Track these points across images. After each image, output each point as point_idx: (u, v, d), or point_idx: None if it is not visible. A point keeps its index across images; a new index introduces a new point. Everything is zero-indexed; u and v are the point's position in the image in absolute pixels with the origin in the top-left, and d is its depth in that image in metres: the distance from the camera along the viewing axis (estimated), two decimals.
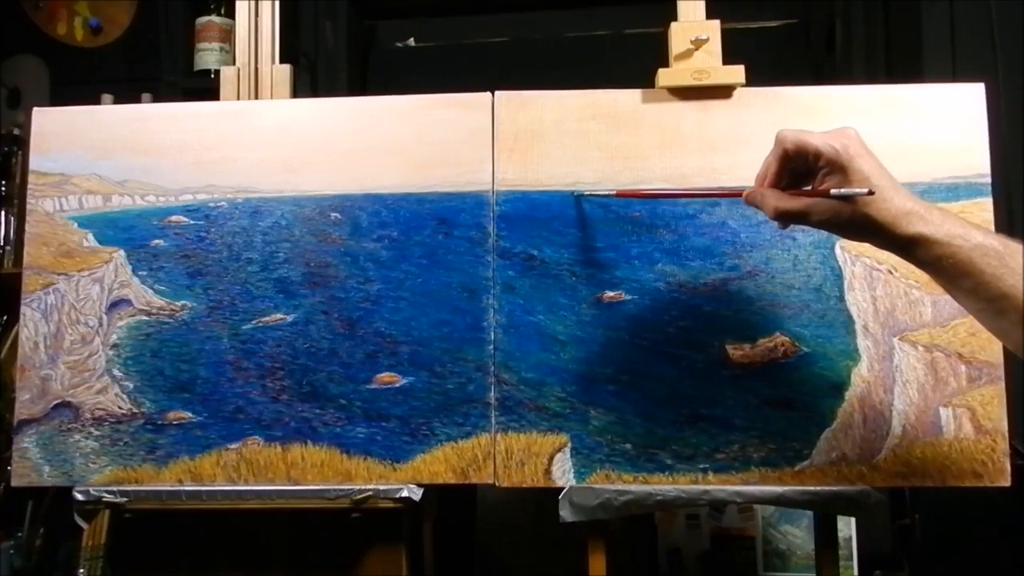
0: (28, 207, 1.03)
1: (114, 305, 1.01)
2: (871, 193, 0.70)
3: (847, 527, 1.39)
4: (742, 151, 0.97)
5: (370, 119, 1.02)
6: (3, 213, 1.74)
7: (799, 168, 0.76)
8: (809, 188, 0.76)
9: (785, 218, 0.76)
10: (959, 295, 0.73)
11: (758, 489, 0.94)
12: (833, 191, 0.72)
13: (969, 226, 0.70)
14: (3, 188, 1.75)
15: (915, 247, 0.71)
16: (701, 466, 0.94)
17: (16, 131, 1.78)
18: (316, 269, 1.00)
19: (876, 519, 0.95)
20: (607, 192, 0.96)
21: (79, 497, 0.97)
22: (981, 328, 0.91)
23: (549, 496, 0.95)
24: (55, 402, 1.00)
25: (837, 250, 0.96)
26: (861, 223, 0.72)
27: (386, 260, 0.99)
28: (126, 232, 1.02)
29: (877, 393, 0.94)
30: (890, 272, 0.95)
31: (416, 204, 1.00)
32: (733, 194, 0.84)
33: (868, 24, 1.57)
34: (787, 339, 0.95)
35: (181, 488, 0.97)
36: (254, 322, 0.99)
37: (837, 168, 0.72)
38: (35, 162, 1.04)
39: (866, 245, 0.79)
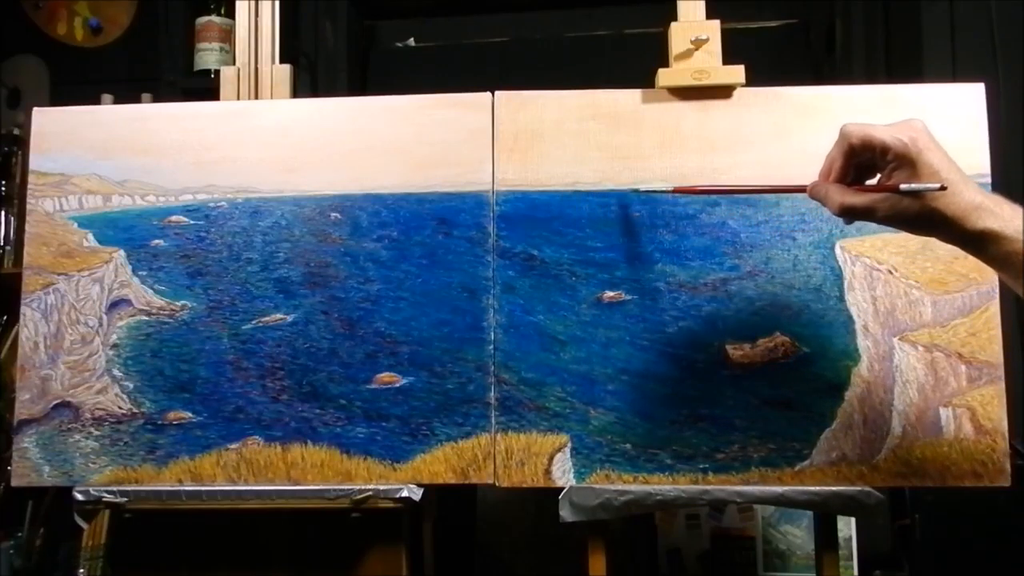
0: (28, 207, 1.03)
1: (114, 305, 1.01)
2: (943, 188, 0.68)
3: (847, 527, 1.39)
4: (742, 151, 0.97)
5: (370, 119, 1.02)
6: (3, 213, 1.74)
7: (865, 161, 0.73)
8: (874, 182, 0.74)
9: (851, 214, 0.74)
10: None
11: (758, 489, 0.94)
12: (903, 186, 0.70)
13: None
14: (3, 188, 1.75)
15: (985, 243, 0.69)
16: (701, 466, 0.94)
17: (16, 131, 1.78)
18: (316, 269, 1.00)
19: (876, 519, 0.95)
20: (665, 188, 0.94)
21: (79, 497, 0.97)
22: (981, 328, 0.92)
23: (549, 496, 0.95)
24: (55, 402, 1.00)
25: (837, 250, 0.96)
26: (929, 218, 0.70)
27: (386, 260, 0.99)
28: (126, 232, 1.02)
29: (877, 393, 0.94)
30: (890, 272, 0.95)
31: (416, 204, 1.00)
32: (796, 189, 0.81)
33: (868, 24, 1.57)
34: (787, 339, 0.95)
35: (181, 488, 0.97)
36: (254, 322, 0.99)
37: (906, 162, 0.70)
38: (35, 162, 1.04)
39: (866, 245, 0.79)
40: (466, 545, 1.46)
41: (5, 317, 1.65)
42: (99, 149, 1.03)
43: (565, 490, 0.94)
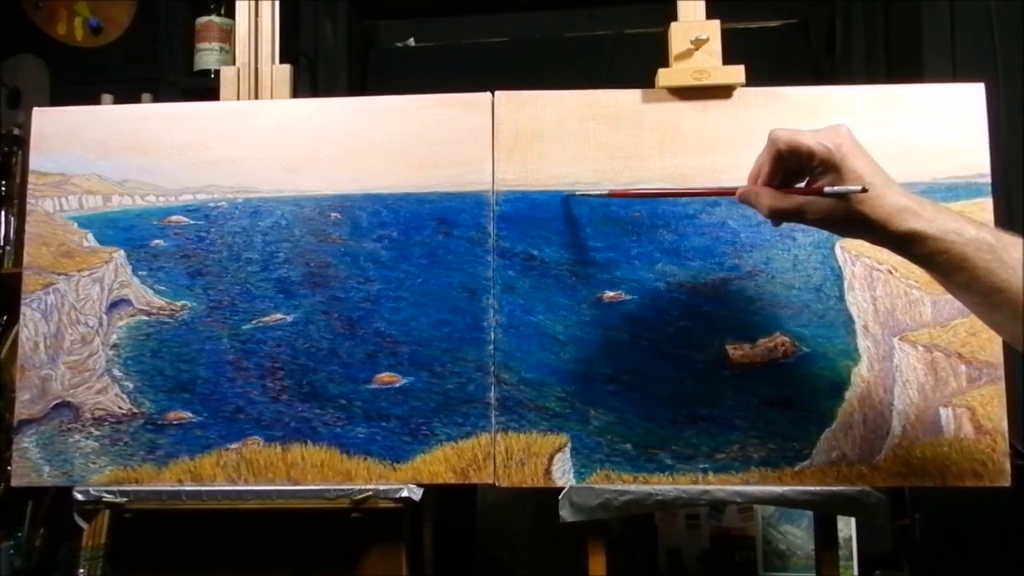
0: (28, 207, 1.03)
1: (114, 305, 1.01)
2: (864, 191, 0.71)
3: (847, 527, 1.39)
4: (742, 151, 0.97)
5: (370, 119, 1.02)
6: (3, 213, 1.74)
7: (792, 166, 0.76)
8: (803, 186, 0.76)
9: (780, 216, 0.77)
10: (955, 290, 0.73)
11: (758, 489, 0.94)
12: (827, 189, 0.72)
13: (963, 221, 0.71)
14: (3, 188, 1.75)
15: (910, 243, 0.71)
16: (701, 466, 0.94)
17: (16, 131, 1.78)
18: (316, 269, 1.00)
19: (876, 519, 0.95)
20: (600, 192, 0.96)
21: (79, 497, 0.97)
22: (981, 328, 0.91)
23: (549, 496, 0.95)
24: (55, 402, 1.00)
25: (837, 250, 0.96)
26: (856, 220, 0.72)
27: (386, 260, 0.99)
28: (126, 232, 1.02)
29: (877, 393, 0.94)
30: (890, 272, 0.95)
31: (416, 204, 1.00)
32: (726, 192, 0.84)
33: (868, 24, 1.57)
34: (787, 339, 0.95)
35: (181, 488, 0.97)
36: (254, 322, 0.99)
37: (831, 167, 0.72)
38: (35, 162, 1.04)
39: (867, 245, 0.79)
40: (466, 545, 1.46)
41: (5, 317, 1.65)
42: (99, 149, 1.03)
43: (565, 490, 0.94)
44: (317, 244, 1.00)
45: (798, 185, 0.77)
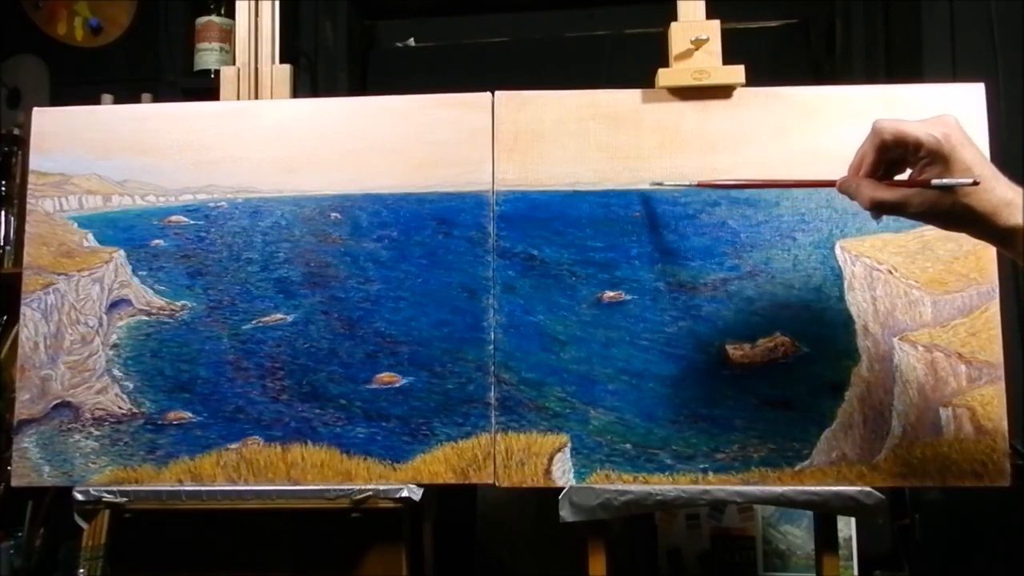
0: (28, 207, 1.03)
1: (114, 305, 1.01)
2: (976, 183, 0.68)
3: (847, 527, 1.39)
4: (742, 151, 0.97)
5: (370, 119, 1.02)
6: (3, 213, 1.74)
7: (895, 157, 0.74)
8: (904, 177, 0.74)
9: (882, 209, 0.74)
10: None
11: (758, 489, 0.94)
12: (935, 181, 0.69)
13: None
14: (3, 188, 1.75)
15: (1015, 239, 0.69)
16: (701, 466, 0.94)
17: (16, 131, 1.78)
18: (316, 269, 1.00)
19: (876, 519, 0.95)
20: (689, 183, 0.94)
21: (79, 497, 0.97)
22: (981, 328, 0.92)
23: (549, 496, 0.95)
24: (55, 402, 1.00)
25: (837, 250, 0.96)
26: (961, 214, 0.70)
27: (386, 260, 0.99)
28: (126, 232, 1.02)
29: (877, 393, 0.94)
30: (890, 272, 0.95)
31: (416, 204, 1.00)
32: (826, 183, 0.80)
33: (868, 24, 1.57)
34: (787, 339, 0.95)
35: (181, 488, 0.97)
36: (254, 322, 0.99)
37: (939, 158, 0.70)
38: (35, 162, 1.04)
39: (867, 245, 0.79)
40: (466, 545, 1.46)
41: (5, 317, 1.65)
42: (99, 149, 1.03)
43: (565, 490, 0.94)
44: (317, 244, 1.00)
45: (897, 177, 0.74)
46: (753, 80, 0.97)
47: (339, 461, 0.97)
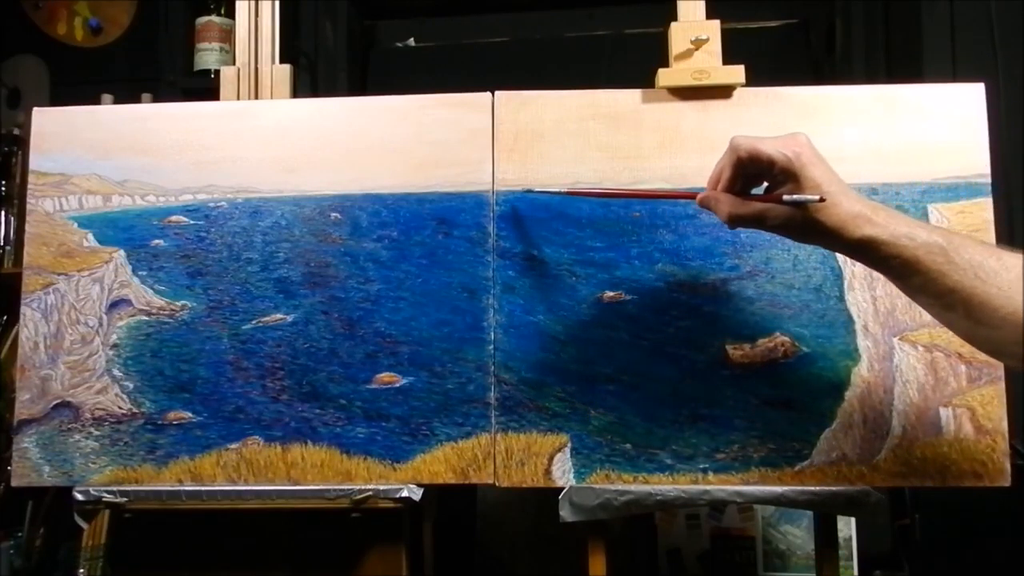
0: (28, 207, 1.03)
1: (114, 305, 1.01)
2: (822, 200, 0.72)
3: (847, 527, 1.39)
4: None
5: (370, 119, 1.02)
6: (3, 213, 1.74)
7: (752, 172, 0.77)
8: (761, 192, 0.78)
9: (739, 222, 0.78)
10: (910, 292, 0.75)
11: (758, 489, 0.94)
12: (786, 197, 0.74)
13: (915, 225, 0.72)
14: (3, 188, 1.75)
15: (864, 249, 0.72)
16: (701, 466, 0.94)
17: (16, 131, 1.78)
18: (316, 269, 1.00)
19: (876, 519, 0.95)
20: (557, 190, 0.95)
21: (79, 497, 0.97)
22: None
23: (549, 496, 0.95)
24: (55, 402, 1.00)
25: None
26: (812, 227, 0.73)
27: (386, 260, 0.99)
28: (126, 232, 1.02)
29: (877, 393, 0.94)
30: None
31: (416, 204, 1.00)
32: (686, 195, 0.85)
33: (868, 24, 1.57)
34: (787, 339, 0.95)
35: (181, 488, 0.97)
36: (254, 322, 0.99)
37: (790, 175, 0.74)
38: (35, 162, 1.04)
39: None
40: (466, 545, 1.46)
41: (5, 317, 1.65)
42: (99, 149, 1.03)
43: (565, 490, 0.94)
44: (317, 244, 1.00)
45: (755, 190, 0.78)
46: (753, 80, 0.97)
47: (339, 461, 0.97)
